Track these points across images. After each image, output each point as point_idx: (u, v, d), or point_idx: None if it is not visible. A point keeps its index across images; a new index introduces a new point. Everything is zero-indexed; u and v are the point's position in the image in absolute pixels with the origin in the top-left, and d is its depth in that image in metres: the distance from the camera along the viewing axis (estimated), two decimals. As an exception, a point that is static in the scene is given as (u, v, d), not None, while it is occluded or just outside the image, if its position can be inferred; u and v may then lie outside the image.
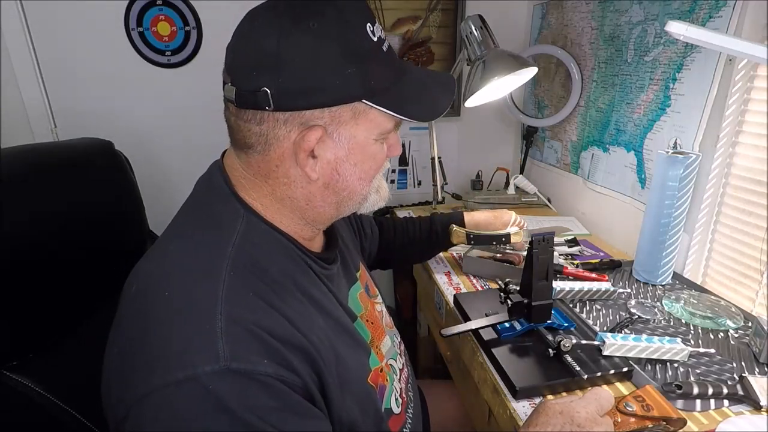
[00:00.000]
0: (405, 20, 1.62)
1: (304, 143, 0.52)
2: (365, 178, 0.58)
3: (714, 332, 0.86)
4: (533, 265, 0.76)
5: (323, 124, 0.52)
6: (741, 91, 0.94)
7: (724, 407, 0.68)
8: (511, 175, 1.68)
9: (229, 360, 0.44)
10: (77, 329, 0.70)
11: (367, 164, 0.57)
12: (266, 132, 0.53)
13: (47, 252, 0.65)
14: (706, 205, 1.03)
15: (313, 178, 0.55)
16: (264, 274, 0.52)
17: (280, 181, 0.56)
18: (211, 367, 0.43)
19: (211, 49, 1.50)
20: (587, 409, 0.56)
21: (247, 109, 0.52)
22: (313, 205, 0.58)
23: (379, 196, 0.63)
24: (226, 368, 0.43)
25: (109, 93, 1.48)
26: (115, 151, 0.84)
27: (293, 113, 0.51)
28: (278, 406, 0.46)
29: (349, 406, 0.56)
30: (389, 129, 0.57)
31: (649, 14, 1.13)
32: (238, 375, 0.44)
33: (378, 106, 0.53)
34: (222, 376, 0.43)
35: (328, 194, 0.58)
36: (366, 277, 0.77)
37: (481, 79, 1.13)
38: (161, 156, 1.58)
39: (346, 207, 0.61)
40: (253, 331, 0.47)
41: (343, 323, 0.61)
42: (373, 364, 0.65)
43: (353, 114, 0.53)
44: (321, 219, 0.61)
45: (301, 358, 0.49)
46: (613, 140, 1.31)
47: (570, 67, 1.44)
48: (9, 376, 0.59)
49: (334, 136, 0.53)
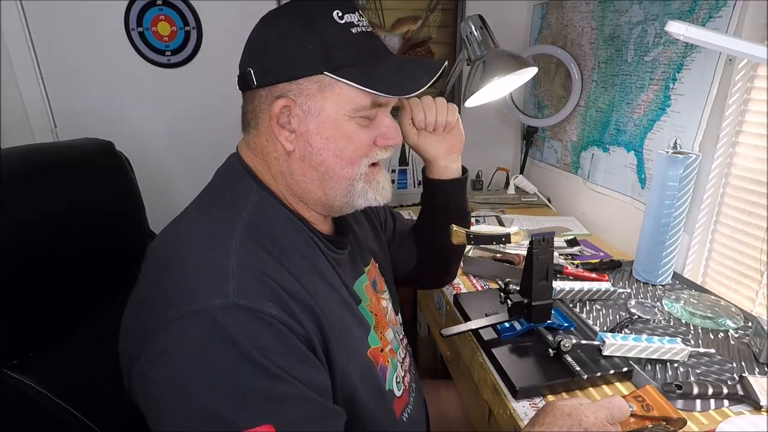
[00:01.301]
0: (405, 20, 1.62)
1: (272, 112, 0.58)
2: (341, 156, 0.59)
3: (714, 332, 0.86)
4: (533, 265, 0.75)
5: (292, 97, 0.57)
6: (741, 91, 0.94)
7: (724, 407, 0.68)
8: (511, 175, 1.68)
9: (237, 296, 0.47)
10: (77, 328, 0.70)
11: (342, 142, 0.59)
12: (256, 108, 0.60)
13: (48, 252, 0.65)
14: (706, 205, 1.03)
15: (288, 149, 0.59)
16: (274, 240, 0.56)
17: (271, 156, 0.61)
18: (221, 301, 0.47)
19: (211, 49, 1.50)
20: (597, 414, 0.55)
21: (244, 91, 0.61)
22: (296, 179, 0.61)
23: (371, 187, 0.63)
24: (234, 303, 0.47)
25: (109, 93, 1.49)
26: (115, 151, 0.84)
27: (269, 88, 0.58)
28: (281, 348, 0.48)
29: (350, 372, 0.58)
30: (363, 106, 0.58)
31: (649, 14, 1.13)
32: (245, 311, 0.47)
33: (342, 78, 0.56)
34: (230, 311, 0.47)
35: (306, 168, 0.60)
36: (375, 273, 0.77)
37: (481, 79, 1.13)
38: (161, 156, 1.58)
39: (332, 189, 0.61)
40: (261, 278, 0.50)
41: (346, 300, 0.63)
42: (373, 342, 0.66)
43: (319, 87, 0.57)
44: (309, 197, 0.62)
45: (306, 312, 0.52)
46: (613, 140, 1.31)
47: (570, 67, 1.44)
48: (9, 375, 0.59)
49: (304, 108, 0.57)
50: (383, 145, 0.62)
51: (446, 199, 0.84)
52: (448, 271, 0.95)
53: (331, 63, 0.56)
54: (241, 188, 0.60)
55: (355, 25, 0.58)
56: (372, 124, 0.61)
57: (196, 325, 0.46)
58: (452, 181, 0.84)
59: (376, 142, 0.62)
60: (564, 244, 1.22)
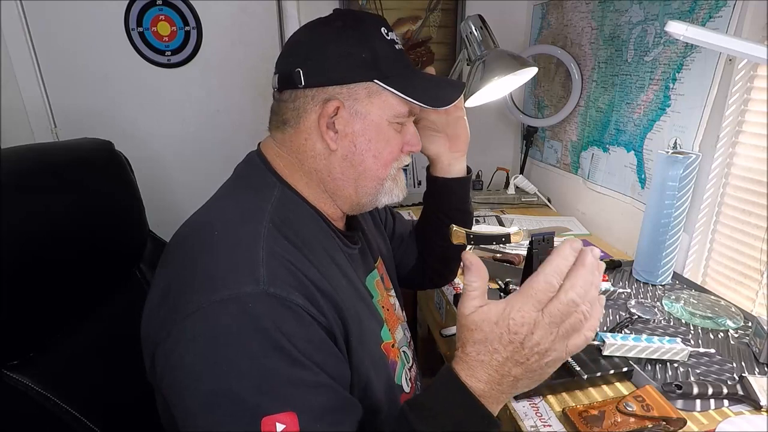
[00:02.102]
0: (405, 20, 1.62)
1: (324, 112, 0.61)
2: (379, 158, 0.64)
3: (714, 332, 0.86)
4: (533, 265, 0.75)
5: (341, 99, 0.61)
6: (741, 91, 0.94)
7: (724, 407, 0.68)
8: (511, 175, 1.68)
9: (267, 284, 0.49)
10: (78, 329, 0.70)
11: (381, 144, 0.63)
12: (299, 107, 0.62)
13: (48, 252, 0.65)
14: (706, 205, 1.03)
15: (333, 148, 0.62)
16: (297, 232, 0.58)
17: (308, 154, 0.63)
18: (252, 289, 0.48)
19: (211, 49, 1.50)
20: (523, 309, 0.47)
21: (285, 89, 0.63)
22: (334, 177, 0.64)
23: (396, 185, 0.68)
24: (264, 291, 0.48)
25: (109, 93, 1.49)
26: (115, 151, 0.84)
27: (319, 89, 0.61)
28: (304, 335, 0.49)
29: (367, 363, 0.59)
30: (402, 113, 0.64)
31: (649, 14, 1.13)
32: (274, 299, 0.49)
33: (389, 87, 0.61)
34: (260, 298, 0.48)
35: (347, 167, 0.64)
36: (383, 270, 0.79)
37: (481, 79, 1.13)
38: (161, 155, 1.58)
39: (364, 188, 0.65)
40: (289, 267, 0.52)
41: (362, 294, 0.65)
42: (385, 337, 0.67)
43: (368, 93, 0.61)
44: (341, 194, 0.66)
45: (328, 302, 0.54)
46: (613, 140, 1.31)
47: (570, 67, 1.44)
48: (9, 375, 0.58)
49: (351, 111, 0.61)
50: (407, 151, 0.68)
51: (450, 197, 0.86)
52: (449, 270, 0.95)
53: (381, 73, 0.61)
54: (263, 182, 0.63)
55: (396, 43, 0.64)
56: (402, 130, 0.66)
57: (227, 312, 0.47)
58: (456, 179, 0.85)
59: (402, 148, 0.66)
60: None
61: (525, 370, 0.48)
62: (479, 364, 0.49)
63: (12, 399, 0.59)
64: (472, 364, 0.50)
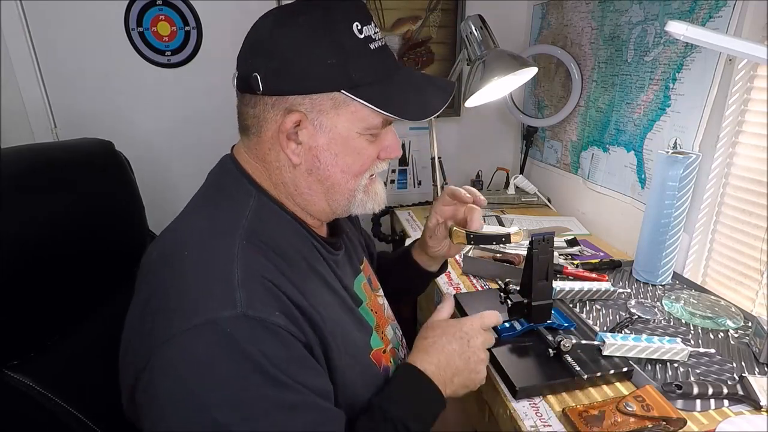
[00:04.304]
0: (405, 20, 1.61)
1: (283, 126, 0.55)
2: (348, 171, 0.59)
3: (714, 332, 0.86)
4: (533, 265, 0.76)
5: (304, 111, 0.55)
6: (741, 91, 0.94)
7: (724, 407, 0.68)
8: (511, 175, 1.68)
9: (245, 307, 0.47)
10: (78, 329, 0.70)
11: (350, 158, 0.59)
12: (258, 114, 0.57)
13: (48, 252, 0.65)
14: (706, 205, 1.03)
15: (295, 162, 0.58)
16: (275, 246, 0.55)
17: (273, 165, 0.59)
18: (229, 313, 0.46)
19: (211, 49, 1.50)
20: (473, 322, 0.68)
21: (244, 93, 0.58)
22: (300, 191, 0.60)
23: (368, 196, 0.64)
24: (242, 314, 0.46)
25: (109, 93, 1.48)
26: (115, 151, 0.84)
27: (279, 98, 0.55)
28: (287, 356, 0.48)
29: (353, 379, 0.58)
30: (375, 125, 0.58)
31: (649, 14, 1.13)
32: (253, 321, 0.47)
33: (358, 98, 0.55)
34: (239, 321, 0.46)
35: (312, 181, 0.59)
36: (369, 271, 0.78)
37: (481, 79, 1.13)
38: (161, 156, 1.58)
39: (336, 201, 0.62)
40: (267, 286, 0.50)
41: (347, 304, 0.63)
42: (375, 344, 0.66)
43: (334, 104, 0.55)
44: (313, 209, 0.62)
45: (306, 320, 0.52)
46: (613, 140, 1.31)
47: (570, 67, 1.44)
48: (10, 375, 0.58)
49: (315, 123, 0.56)
50: (384, 158, 0.63)
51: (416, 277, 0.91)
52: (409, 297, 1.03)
53: (350, 81, 0.54)
54: (238, 190, 0.59)
55: (373, 40, 0.57)
56: (377, 139, 0.61)
57: (205, 337, 0.45)
58: (429, 272, 0.89)
59: (378, 155, 0.62)
60: (564, 244, 1.22)
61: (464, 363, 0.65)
62: (433, 347, 0.65)
63: (13, 399, 0.59)
64: (428, 350, 0.65)
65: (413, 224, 1.53)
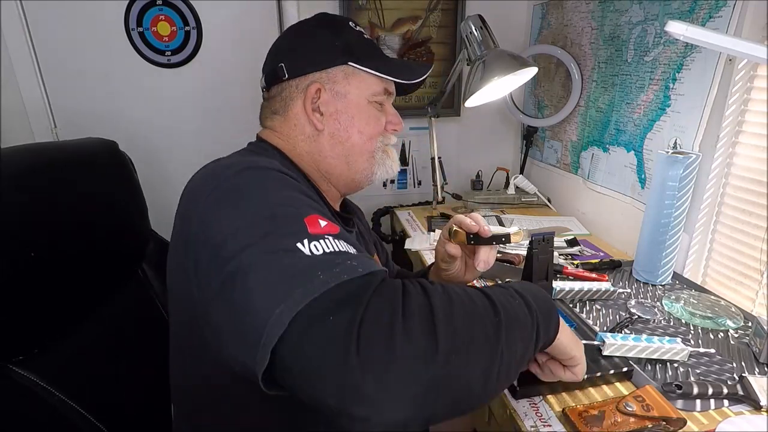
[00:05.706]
0: (405, 20, 1.62)
1: (307, 95, 0.70)
2: (363, 132, 0.72)
3: (714, 332, 0.86)
4: (533, 265, 0.76)
5: (321, 83, 0.70)
6: (741, 91, 0.94)
7: (724, 407, 0.68)
8: (511, 175, 1.68)
9: (279, 167, 0.56)
10: (81, 326, 0.70)
11: (364, 121, 0.72)
12: (285, 97, 0.71)
13: (51, 250, 0.65)
14: (706, 205, 1.03)
15: (320, 128, 0.71)
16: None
17: (298, 138, 0.72)
18: (267, 163, 0.56)
19: (211, 49, 1.50)
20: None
21: (272, 86, 0.73)
22: (324, 156, 0.72)
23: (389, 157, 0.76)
24: (279, 169, 0.55)
25: (109, 93, 1.49)
26: (119, 151, 0.84)
27: (301, 78, 0.70)
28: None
29: None
30: (379, 91, 0.73)
31: (649, 14, 1.13)
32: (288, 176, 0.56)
33: (363, 67, 0.71)
34: (276, 168, 0.55)
35: (335, 144, 0.72)
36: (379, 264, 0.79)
37: (481, 79, 1.13)
38: (161, 155, 1.58)
39: (356, 162, 0.73)
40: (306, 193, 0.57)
41: None
42: None
43: (345, 75, 0.71)
44: (334, 171, 0.73)
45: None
46: (613, 140, 1.31)
47: (570, 67, 1.44)
48: (14, 371, 0.59)
49: (332, 92, 0.70)
50: (391, 130, 0.76)
51: None
52: None
53: (354, 56, 0.70)
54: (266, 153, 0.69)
55: (363, 33, 0.74)
56: (383, 109, 0.75)
57: (252, 171, 0.53)
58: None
59: (386, 127, 0.75)
60: (564, 244, 1.22)
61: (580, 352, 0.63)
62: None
63: (17, 394, 0.59)
64: None
65: (413, 224, 1.53)
